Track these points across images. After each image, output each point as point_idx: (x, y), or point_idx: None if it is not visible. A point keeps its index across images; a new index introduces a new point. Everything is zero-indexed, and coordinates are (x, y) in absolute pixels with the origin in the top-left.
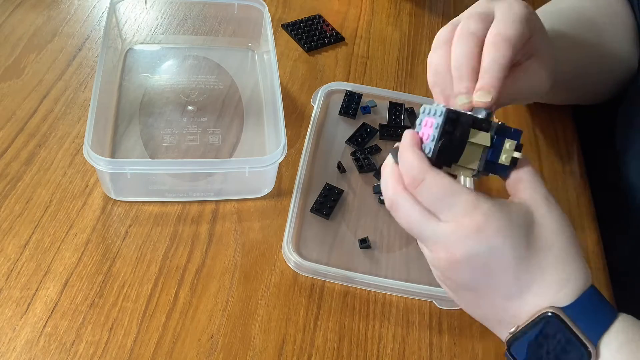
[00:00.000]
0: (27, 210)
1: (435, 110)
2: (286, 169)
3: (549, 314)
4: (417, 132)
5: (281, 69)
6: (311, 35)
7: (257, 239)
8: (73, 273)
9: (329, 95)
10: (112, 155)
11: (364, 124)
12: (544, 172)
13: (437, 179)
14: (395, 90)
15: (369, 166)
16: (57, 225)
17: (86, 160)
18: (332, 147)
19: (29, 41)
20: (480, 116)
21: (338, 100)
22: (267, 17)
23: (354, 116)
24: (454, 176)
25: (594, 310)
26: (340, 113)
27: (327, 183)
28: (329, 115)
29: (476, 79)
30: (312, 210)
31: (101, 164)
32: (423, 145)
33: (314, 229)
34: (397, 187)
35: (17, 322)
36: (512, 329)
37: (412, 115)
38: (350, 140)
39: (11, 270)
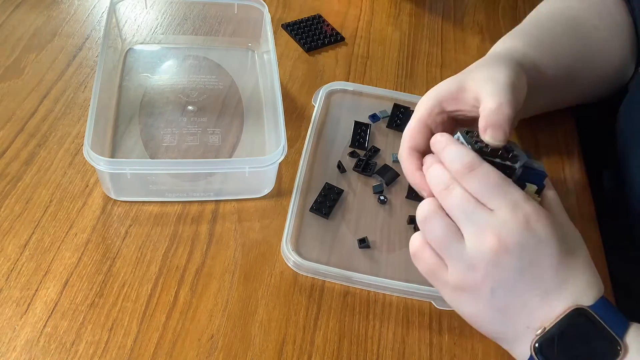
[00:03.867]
0: (27, 210)
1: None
2: (286, 169)
3: (577, 311)
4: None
5: (281, 69)
6: (311, 35)
7: (257, 239)
8: (73, 273)
9: (329, 95)
10: (112, 155)
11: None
12: None
13: (492, 169)
14: (395, 90)
15: (369, 166)
16: (57, 225)
17: (86, 160)
18: (332, 147)
19: (29, 41)
20: (510, 163)
21: (339, 101)
22: (267, 17)
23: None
24: None
25: (613, 312)
26: (351, 146)
27: (327, 183)
28: (330, 115)
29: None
30: (311, 209)
31: (101, 164)
32: None
33: (313, 228)
34: (446, 172)
35: (17, 322)
36: (539, 331)
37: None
38: (351, 140)
39: (11, 270)
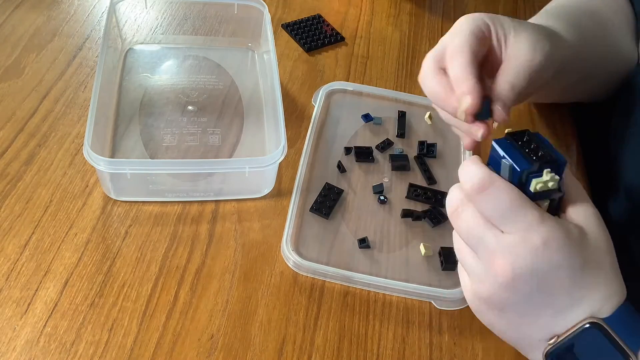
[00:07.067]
0: (27, 210)
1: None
2: (286, 169)
3: (590, 324)
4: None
5: (281, 69)
6: (311, 35)
7: (257, 239)
8: (73, 273)
9: (329, 95)
10: (112, 155)
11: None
12: None
13: (505, 188)
14: (396, 90)
15: (365, 154)
16: (57, 225)
17: (86, 160)
18: (332, 147)
19: (29, 41)
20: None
21: (339, 101)
22: (267, 17)
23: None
24: None
25: (633, 323)
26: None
27: (327, 182)
28: (330, 115)
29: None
30: (311, 209)
31: (101, 164)
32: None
33: (313, 228)
34: (460, 193)
35: (17, 322)
36: (552, 341)
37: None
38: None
39: (11, 270)
